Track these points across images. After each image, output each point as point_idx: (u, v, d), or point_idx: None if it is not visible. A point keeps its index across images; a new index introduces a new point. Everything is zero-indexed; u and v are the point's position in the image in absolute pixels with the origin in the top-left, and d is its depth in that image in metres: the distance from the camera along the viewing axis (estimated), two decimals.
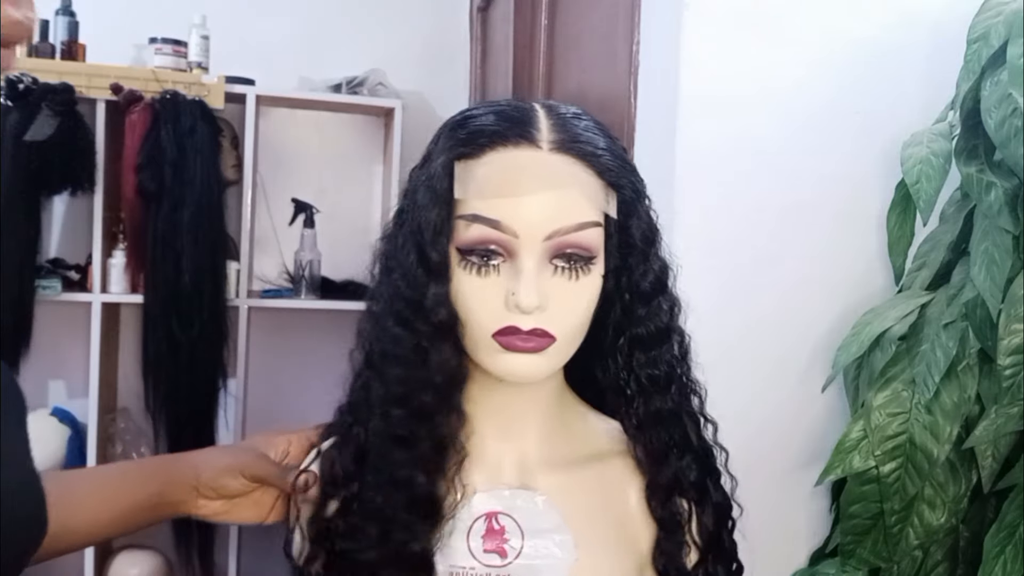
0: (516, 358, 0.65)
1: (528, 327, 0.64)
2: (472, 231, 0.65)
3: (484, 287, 0.65)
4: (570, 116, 0.69)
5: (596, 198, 0.66)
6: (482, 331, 0.65)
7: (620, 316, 0.71)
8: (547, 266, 0.65)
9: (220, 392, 2.39)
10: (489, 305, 0.65)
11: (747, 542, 1.31)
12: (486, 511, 0.70)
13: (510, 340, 0.64)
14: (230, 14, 2.55)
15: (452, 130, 0.69)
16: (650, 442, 0.74)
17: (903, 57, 1.27)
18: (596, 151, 0.67)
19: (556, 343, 0.65)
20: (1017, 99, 1.00)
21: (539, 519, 0.71)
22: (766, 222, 1.24)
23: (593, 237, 0.66)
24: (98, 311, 2.32)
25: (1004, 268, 1.02)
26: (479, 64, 2.64)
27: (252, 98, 2.43)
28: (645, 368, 0.73)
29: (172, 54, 2.37)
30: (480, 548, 0.70)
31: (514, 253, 0.64)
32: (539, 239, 0.64)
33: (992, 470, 1.07)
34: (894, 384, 1.11)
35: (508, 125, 0.66)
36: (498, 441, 0.73)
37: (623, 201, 0.69)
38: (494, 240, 0.64)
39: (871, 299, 1.25)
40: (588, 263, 0.66)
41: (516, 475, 0.72)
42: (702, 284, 1.23)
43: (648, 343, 0.73)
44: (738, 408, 1.26)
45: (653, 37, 1.30)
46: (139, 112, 2.26)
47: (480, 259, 0.65)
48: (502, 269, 0.65)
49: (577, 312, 0.67)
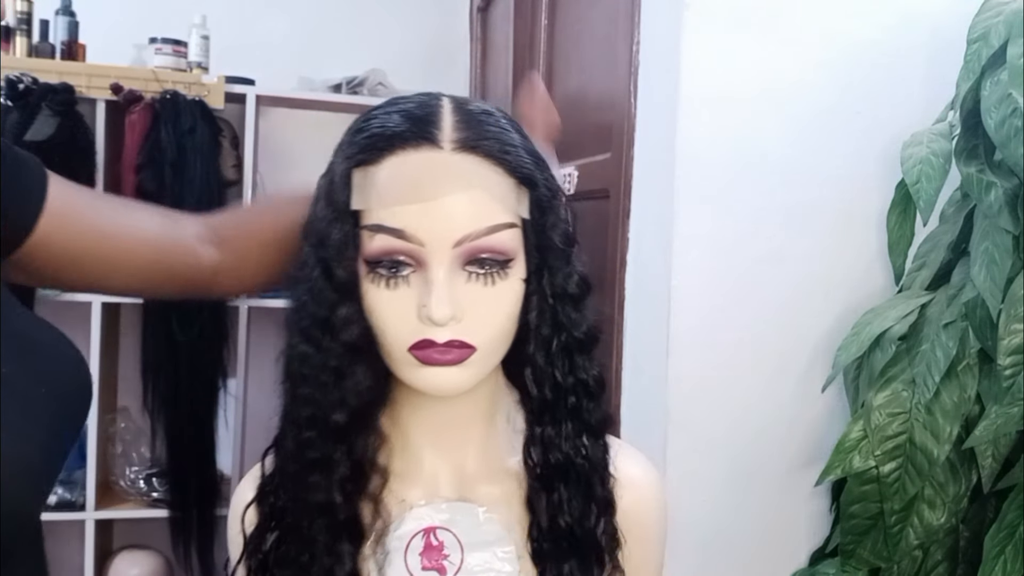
0: (436, 372, 0.62)
1: (444, 339, 0.61)
2: (376, 242, 0.61)
3: (395, 300, 0.61)
4: (478, 113, 0.65)
5: (506, 198, 0.62)
6: (397, 346, 0.62)
7: (548, 320, 0.67)
8: (460, 273, 0.61)
9: (220, 392, 2.39)
10: (402, 319, 0.61)
11: (747, 542, 1.32)
12: (423, 527, 0.68)
13: (427, 354, 0.61)
14: (230, 14, 2.55)
15: (351, 135, 0.65)
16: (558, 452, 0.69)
17: (903, 57, 1.27)
18: (504, 149, 0.63)
19: (477, 353, 0.62)
20: (1017, 99, 1.00)
21: (480, 532, 0.68)
22: (766, 222, 1.24)
23: (507, 239, 0.62)
24: (98, 311, 2.32)
25: (1004, 268, 1.02)
26: (479, 64, 2.64)
27: (252, 98, 2.43)
28: (581, 373, 0.68)
29: (172, 54, 2.37)
30: (418, 566, 0.67)
31: (423, 262, 0.61)
32: (448, 246, 0.60)
33: (992, 470, 1.07)
34: (894, 384, 1.11)
35: (408, 126, 0.62)
36: (433, 454, 0.70)
37: (537, 199, 0.64)
38: (400, 250, 0.61)
39: (871, 299, 1.25)
40: (504, 267, 0.62)
41: (454, 488, 0.70)
42: (702, 284, 1.23)
43: (585, 346, 0.69)
44: (738, 408, 1.26)
45: (653, 37, 1.30)
46: (139, 112, 2.26)
47: (388, 271, 0.61)
48: (412, 280, 0.61)
49: (496, 319, 0.63)
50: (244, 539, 0.70)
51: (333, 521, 0.66)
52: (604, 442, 0.70)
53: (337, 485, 0.65)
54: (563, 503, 0.68)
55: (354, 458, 0.66)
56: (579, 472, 0.68)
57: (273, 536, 0.69)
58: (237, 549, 0.71)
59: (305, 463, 0.66)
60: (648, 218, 1.31)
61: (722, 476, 1.26)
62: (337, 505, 0.65)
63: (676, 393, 1.23)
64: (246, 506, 0.71)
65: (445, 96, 0.66)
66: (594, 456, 0.69)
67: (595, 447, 0.69)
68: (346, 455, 0.66)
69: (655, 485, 0.75)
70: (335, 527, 0.66)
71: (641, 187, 1.33)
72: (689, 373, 1.23)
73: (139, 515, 2.41)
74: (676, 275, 1.22)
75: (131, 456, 2.45)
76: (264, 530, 0.69)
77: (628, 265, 1.36)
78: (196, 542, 2.36)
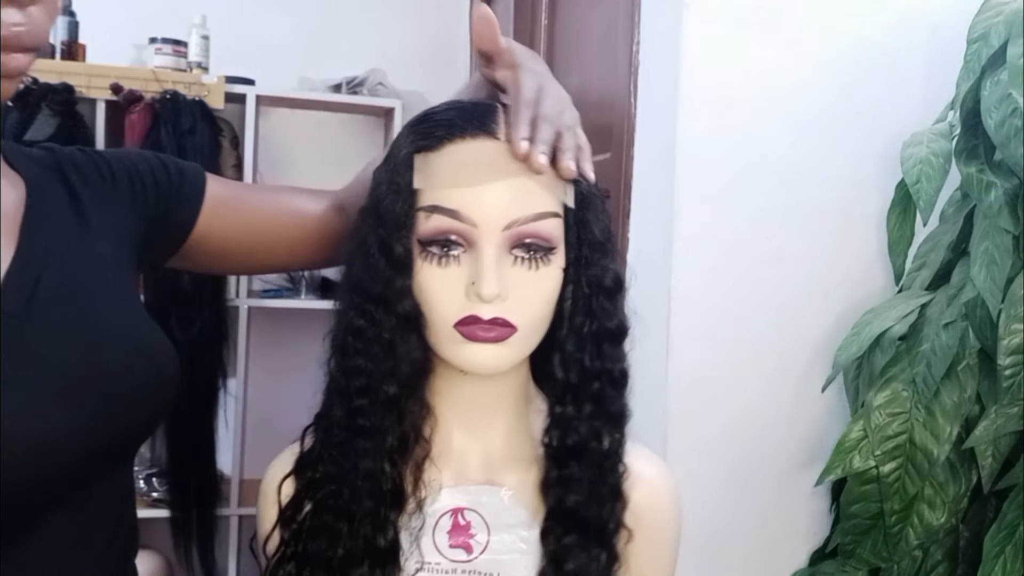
0: (478, 348, 0.65)
1: (489, 316, 0.64)
2: (431, 222, 0.65)
3: (445, 277, 0.65)
4: None
5: (553, 188, 0.66)
6: (444, 322, 0.65)
7: (582, 309, 0.70)
8: (507, 256, 0.65)
9: (220, 392, 2.39)
10: (450, 295, 0.65)
11: (747, 542, 1.32)
12: (452, 507, 0.71)
13: (471, 330, 0.64)
14: (230, 14, 2.55)
15: (413, 126, 0.70)
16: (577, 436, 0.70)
17: (903, 58, 1.27)
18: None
19: (517, 333, 0.65)
20: (1017, 99, 1.00)
21: (505, 515, 0.71)
22: (766, 222, 1.24)
23: (552, 227, 0.66)
24: None
25: (1004, 268, 1.02)
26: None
27: (252, 98, 2.43)
28: (608, 363, 0.71)
29: (172, 54, 2.37)
30: (446, 543, 0.70)
31: (474, 243, 0.64)
32: (498, 228, 0.64)
33: (992, 470, 1.07)
34: (894, 384, 1.11)
35: (466, 118, 0.67)
36: (464, 437, 0.73)
37: (580, 194, 0.68)
38: (453, 230, 0.65)
39: (871, 299, 1.25)
40: (548, 254, 0.66)
41: (482, 471, 0.72)
42: (702, 284, 1.23)
43: (615, 337, 0.71)
44: (738, 408, 1.26)
45: (653, 37, 1.30)
46: (139, 112, 2.26)
47: (440, 250, 0.65)
48: (462, 259, 0.65)
49: (538, 302, 0.66)
50: (279, 510, 0.72)
51: (378, 489, 0.68)
52: (621, 434, 0.72)
53: (386, 453, 0.68)
54: (572, 482, 0.70)
55: (403, 428, 0.69)
56: (592, 455, 0.70)
57: (309, 506, 0.71)
58: (269, 522, 0.73)
59: (356, 431, 0.69)
60: (648, 218, 1.31)
61: (722, 476, 1.26)
62: (384, 474, 0.68)
63: (676, 393, 1.23)
64: (283, 478, 0.73)
65: (498, 101, 0.71)
66: (610, 444, 0.71)
67: (612, 435, 0.71)
68: (396, 424, 0.68)
69: (669, 486, 0.76)
70: (381, 495, 0.68)
71: (641, 187, 1.33)
72: (689, 373, 1.23)
73: (139, 515, 2.40)
74: (676, 275, 1.22)
75: None
76: (300, 500, 0.72)
77: (628, 265, 1.36)
78: (196, 542, 2.36)
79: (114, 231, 0.72)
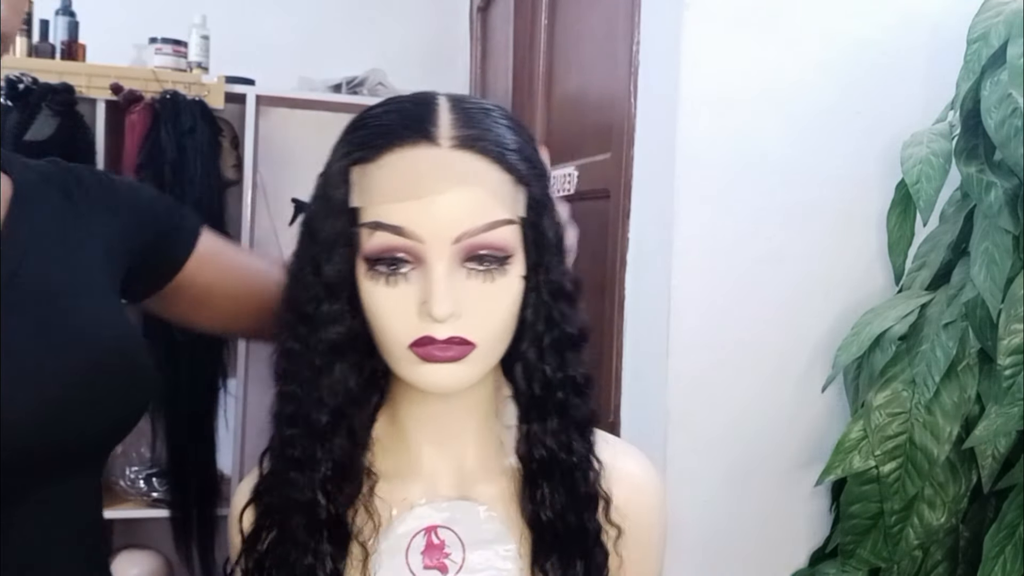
0: (436, 369, 0.61)
1: (445, 336, 0.60)
2: (375, 239, 0.61)
3: (394, 297, 0.61)
4: (476, 110, 0.64)
5: (504, 195, 0.62)
6: (397, 343, 0.62)
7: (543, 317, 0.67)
8: (460, 270, 0.61)
9: (220, 392, 2.39)
10: (402, 316, 0.61)
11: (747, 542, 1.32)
12: (425, 525, 0.68)
13: (427, 351, 0.61)
14: (230, 14, 2.55)
15: (348, 133, 0.65)
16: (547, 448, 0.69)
17: (903, 57, 1.27)
18: (501, 148, 0.63)
19: (477, 350, 0.62)
20: (1017, 99, 1.00)
21: (481, 530, 0.68)
22: (766, 222, 1.24)
23: (507, 235, 0.62)
24: None
25: (1004, 268, 1.02)
26: (479, 64, 2.64)
27: (252, 98, 2.43)
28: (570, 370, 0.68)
29: (172, 54, 2.37)
30: (420, 565, 0.67)
31: (422, 259, 0.60)
32: (447, 242, 0.60)
33: (992, 470, 1.07)
34: (894, 384, 1.11)
35: (405, 123, 0.62)
36: (433, 452, 0.70)
37: (533, 198, 0.64)
38: (399, 247, 0.60)
39: (871, 299, 1.25)
40: (503, 264, 0.62)
41: (454, 486, 0.70)
42: (702, 284, 1.23)
43: (577, 344, 0.69)
44: (738, 408, 1.26)
45: (653, 37, 1.30)
46: (139, 112, 2.26)
47: (388, 268, 0.61)
48: (412, 277, 0.61)
49: (497, 316, 0.63)
50: (242, 539, 0.70)
51: (314, 520, 0.65)
52: (590, 440, 0.70)
53: (319, 484, 0.65)
54: (545, 498, 0.68)
55: (335, 458, 0.66)
56: (563, 467, 0.68)
57: (270, 536, 0.69)
58: (235, 551, 0.71)
59: (288, 461, 0.66)
60: (648, 218, 1.31)
61: (722, 476, 1.26)
62: (319, 505, 0.65)
63: (676, 393, 1.23)
64: (243, 507, 0.71)
65: (441, 94, 0.66)
66: (579, 452, 0.69)
67: (580, 443, 0.69)
68: (328, 455, 0.65)
69: (652, 482, 0.75)
70: (316, 527, 0.65)
71: (641, 187, 1.33)
72: (689, 373, 1.23)
73: (139, 515, 2.41)
74: (676, 275, 1.22)
75: (131, 456, 2.45)
76: (260, 530, 0.69)
77: (628, 265, 1.36)
78: (196, 542, 2.36)
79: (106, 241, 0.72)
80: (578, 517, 0.68)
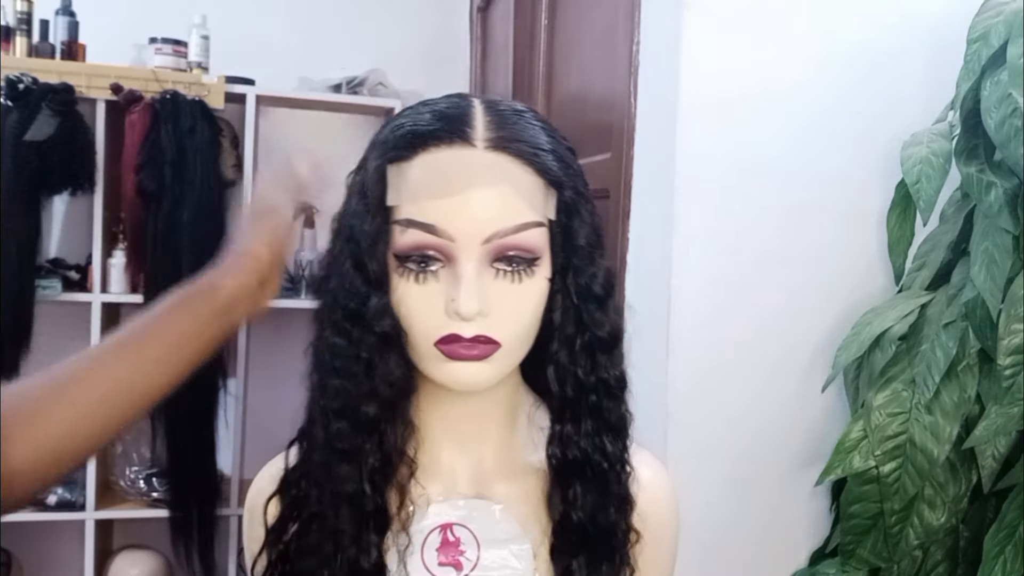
0: (460, 367, 0.63)
1: (471, 334, 0.61)
2: (407, 237, 0.62)
3: (423, 294, 0.62)
4: (510, 113, 0.65)
5: (535, 198, 0.63)
6: (424, 340, 0.63)
7: (572, 319, 0.68)
8: (488, 270, 0.62)
9: (220, 392, 2.39)
10: (429, 313, 0.62)
11: (747, 542, 1.32)
12: (441, 523, 0.69)
13: (453, 348, 0.62)
14: (230, 14, 2.55)
15: (385, 132, 0.66)
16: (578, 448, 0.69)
17: (903, 58, 1.27)
18: (535, 150, 0.64)
19: (501, 349, 0.63)
20: (1017, 99, 1.00)
21: (496, 529, 0.69)
22: (766, 222, 1.24)
23: (535, 238, 0.63)
24: (98, 311, 2.32)
25: (1004, 268, 1.02)
26: (479, 64, 2.64)
27: (252, 98, 2.43)
28: (603, 372, 0.69)
29: (172, 54, 2.37)
30: (435, 561, 0.68)
31: (452, 258, 0.62)
32: (477, 242, 0.61)
33: (992, 470, 1.07)
34: (894, 384, 1.11)
35: (441, 124, 0.63)
36: (452, 450, 0.71)
37: (564, 201, 0.65)
38: (430, 245, 0.62)
39: (871, 299, 1.25)
40: (531, 265, 0.63)
41: (471, 485, 0.70)
42: (702, 284, 1.23)
43: (608, 346, 0.69)
44: (738, 408, 1.26)
45: (653, 37, 1.30)
46: (139, 112, 2.26)
47: (417, 265, 0.62)
48: (441, 275, 0.62)
49: (522, 316, 0.64)
50: (265, 530, 0.71)
51: (361, 512, 0.66)
52: (623, 441, 0.71)
53: (367, 476, 0.66)
54: (577, 499, 0.68)
55: (384, 449, 0.67)
56: (596, 469, 0.69)
57: (295, 527, 0.69)
58: (256, 543, 0.72)
59: (335, 454, 0.67)
60: (648, 218, 1.31)
61: (722, 476, 1.26)
62: (366, 496, 0.66)
63: (676, 393, 1.23)
64: (268, 498, 0.71)
65: (476, 97, 0.67)
66: (612, 454, 0.70)
67: (614, 445, 0.70)
68: (377, 446, 0.66)
69: (667, 488, 0.76)
70: (363, 517, 0.66)
71: (641, 187, 1.33)
72: (689, 373, 1.23)
73: (139, 515, 2.41)
74: (676, 275, 1.22)
75: (131, 456, 2.45)
76: (286, 521, 0.70)
77: (628, 265, 1.36)
78: (196, 542, 2.36)
79: None
80: (607, 518, 0.69)
